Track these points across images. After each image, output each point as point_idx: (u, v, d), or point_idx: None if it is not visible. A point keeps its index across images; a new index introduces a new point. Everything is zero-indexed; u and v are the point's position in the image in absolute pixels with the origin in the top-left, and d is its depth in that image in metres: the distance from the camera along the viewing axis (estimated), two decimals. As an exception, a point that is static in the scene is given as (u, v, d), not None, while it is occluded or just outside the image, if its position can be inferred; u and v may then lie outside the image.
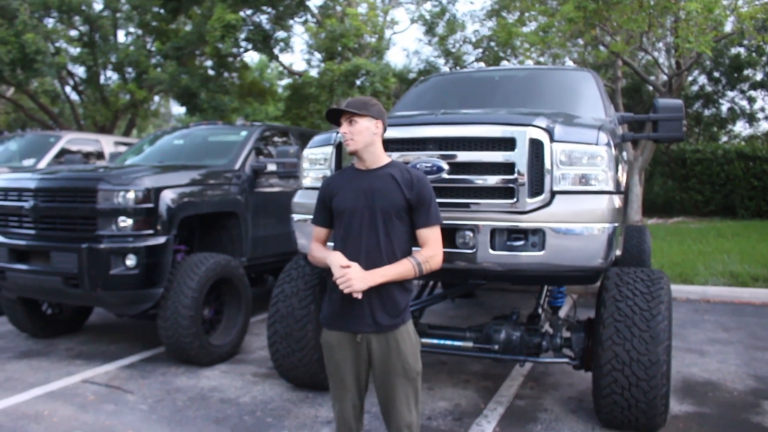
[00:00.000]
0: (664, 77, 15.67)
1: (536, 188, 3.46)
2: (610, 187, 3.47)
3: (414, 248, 2.76)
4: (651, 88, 16.94)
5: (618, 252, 4.14)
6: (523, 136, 3.47)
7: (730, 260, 9.69)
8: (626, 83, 20.87)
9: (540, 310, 4.58)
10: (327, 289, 2.80)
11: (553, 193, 3.46)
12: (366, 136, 2.68)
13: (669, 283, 3.81)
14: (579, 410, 4.24)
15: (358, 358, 2.71)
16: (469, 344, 4.26)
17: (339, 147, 3.94)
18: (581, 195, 3.46)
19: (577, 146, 3.46)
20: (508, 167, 3.49)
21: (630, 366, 3.50)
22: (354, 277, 2.53)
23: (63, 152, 8.32)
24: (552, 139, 3.47)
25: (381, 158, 2.76)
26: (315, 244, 2.85)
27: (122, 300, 4.99)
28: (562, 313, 5.34)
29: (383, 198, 2.66)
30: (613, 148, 3.55)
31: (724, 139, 24.36)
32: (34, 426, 4.02)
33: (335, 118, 2.75)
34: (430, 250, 2.72)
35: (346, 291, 2.54)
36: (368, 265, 2.61)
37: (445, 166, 3.57)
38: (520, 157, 3.46)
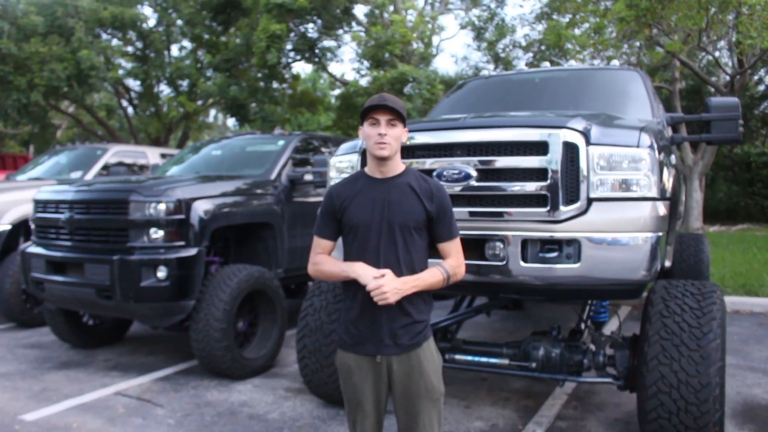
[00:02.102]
0: (727, 77, 14.92)
1: (571, 195, 3.22)
2: (654, 193, 3.19)
3: (431, 260, 2.57)
4: (712, 89, 16.19)
5: (667, 263, 3.83)
6: (557, 139, 3.23)
7: (800, 270, 9.06)
8: (685, 85, 20.01)
9: (582, 326, 4.30)
10: (342, 309, 2.63)
11: (590, 201, 3.21)
12: (399, 143, 2.51)
13: (722, 297, 3.48)
14: (625, 434, 3.95)
15: (378, 381, 2.53)
16: (506, 361, 4.03)
17: (364, 154, 3.78)
18: (621, 202, 3.20)
19: (616, 149, 3.21)
20: (541, 173, 3.26)
21: (678, 389, 3.19)
22: (389, 290, 2.36)
23: (110, 165, 8.46)
24: (588, 142, 3.22)
25: (399, 166, 2.57)
26: (323, 257, 2.62)
27: (154, 312, 4.95)
28: (607, 329, 5.02)
29: (401, 211, 2.47)
30: (657, 151, 3.27)
31: (794, 141, 23.08)
32: (62, 439, 4.01)
33: (363, 114, 2.50)
34: (455, 260, 2.57)
35: (381, 303, 2.38)
36: None
37: (474, 173, 3.37)
38: (553, 162, 3.22)
